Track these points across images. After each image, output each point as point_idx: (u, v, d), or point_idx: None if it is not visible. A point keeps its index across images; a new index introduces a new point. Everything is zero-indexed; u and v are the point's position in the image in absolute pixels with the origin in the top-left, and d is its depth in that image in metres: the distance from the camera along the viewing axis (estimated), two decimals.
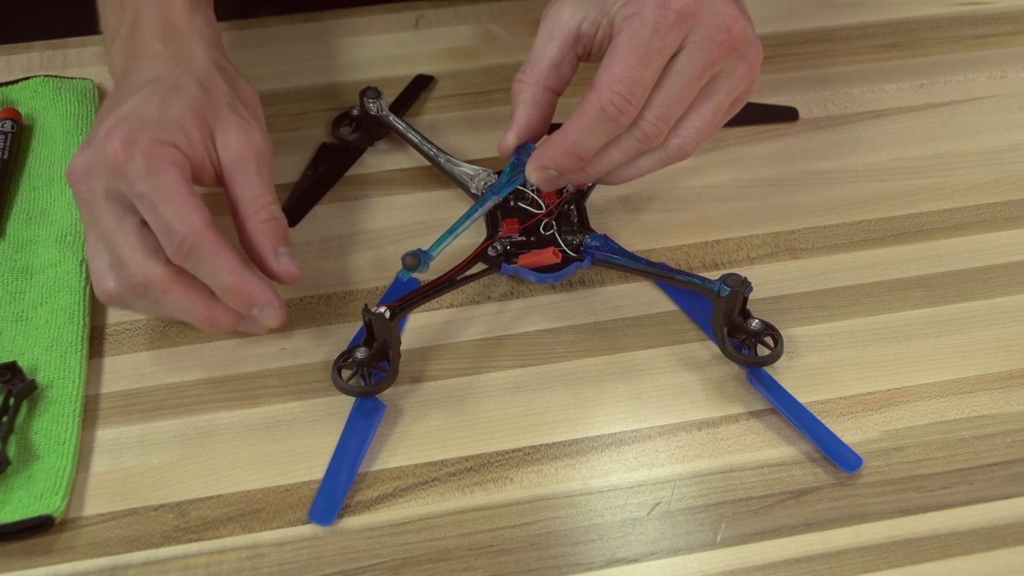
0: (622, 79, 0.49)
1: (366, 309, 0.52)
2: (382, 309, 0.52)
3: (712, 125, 0.53)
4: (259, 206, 0.53)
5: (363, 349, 0.53)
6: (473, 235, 0.60)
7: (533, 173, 0.53)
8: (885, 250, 0.61)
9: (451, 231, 0.54)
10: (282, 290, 0.58)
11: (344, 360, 0.54)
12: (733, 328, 0.55)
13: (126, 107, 0.52)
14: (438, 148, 0.63)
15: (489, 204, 0.55)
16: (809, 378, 0.55)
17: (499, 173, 0.58)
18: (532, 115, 0.53)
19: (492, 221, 0.60)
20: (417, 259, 0.52)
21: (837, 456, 0.51)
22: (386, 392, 0.54)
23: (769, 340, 0.55)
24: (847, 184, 0.65)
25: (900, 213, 0.63)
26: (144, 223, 0.51)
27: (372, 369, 0.53)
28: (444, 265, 0.57)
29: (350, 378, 0.53)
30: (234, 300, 0.52)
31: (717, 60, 0.51)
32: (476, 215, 0.55)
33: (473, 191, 0.60)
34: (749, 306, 0.56)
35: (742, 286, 0.53)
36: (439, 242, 0.54)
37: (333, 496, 0.50)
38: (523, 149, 0.55)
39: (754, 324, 0.55)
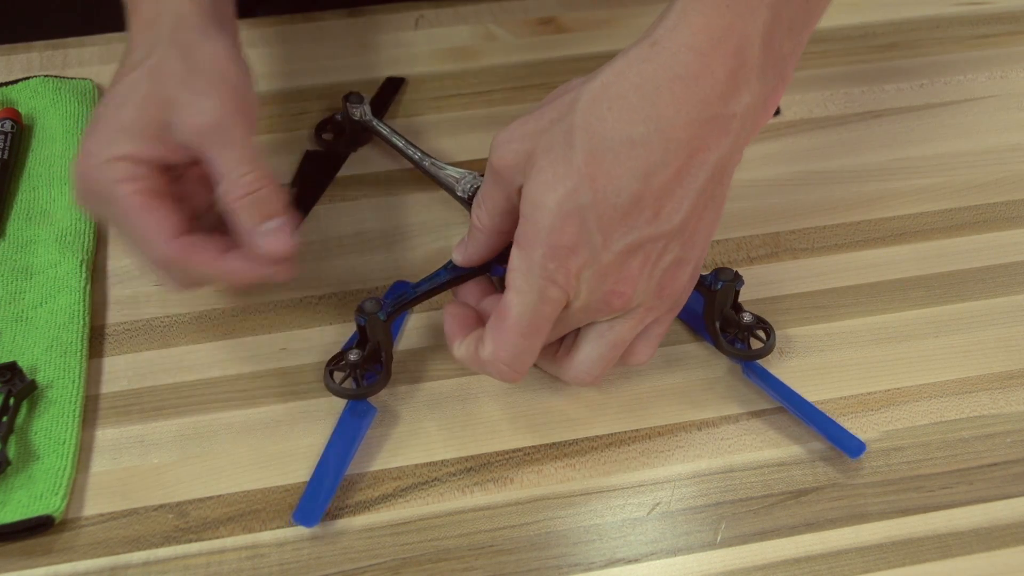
0: (508, 348, 0.48)
1: (359, 311, 0.52)
2: (376, 310, 0.52)
3: (609, 357, 0.51)
4: (228, 184, 0.49)
5: (356, 351, 0.53)
6: None
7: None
8: (885, 250, 0.61)
9: (407, 296, 0.53)
10: (283, 289, 0.59)
11: (336, 363, 0.54)
12: (726, 322, 0.55)
13: (92, 121, 0.52)
14: (423, 152, 0.62)
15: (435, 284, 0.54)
16: (809, 378, 0.55)
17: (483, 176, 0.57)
18: (482, 252, 0.52)
19: None
20: (378, 304, 0.52)
21: (839, 442, 0.51)
22: (385, 392, 0.54)
23: (761, 333, 0.55)
24: (847, 184, 0.65)
25: (900, 213, 0.63)
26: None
27: (365, 372, 0.53)
28: (436, 266, 0.56)
29: (343, 380, 0.53)
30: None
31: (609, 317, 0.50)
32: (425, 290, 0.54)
33: (459, 195, 0.59)
34: (750, 307, 0.56)
35: (734, 280, 0.54)
36: (397, 302, 0.53)
37: (318, 498, 0.50)
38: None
39: (746, 318, 0.55)
